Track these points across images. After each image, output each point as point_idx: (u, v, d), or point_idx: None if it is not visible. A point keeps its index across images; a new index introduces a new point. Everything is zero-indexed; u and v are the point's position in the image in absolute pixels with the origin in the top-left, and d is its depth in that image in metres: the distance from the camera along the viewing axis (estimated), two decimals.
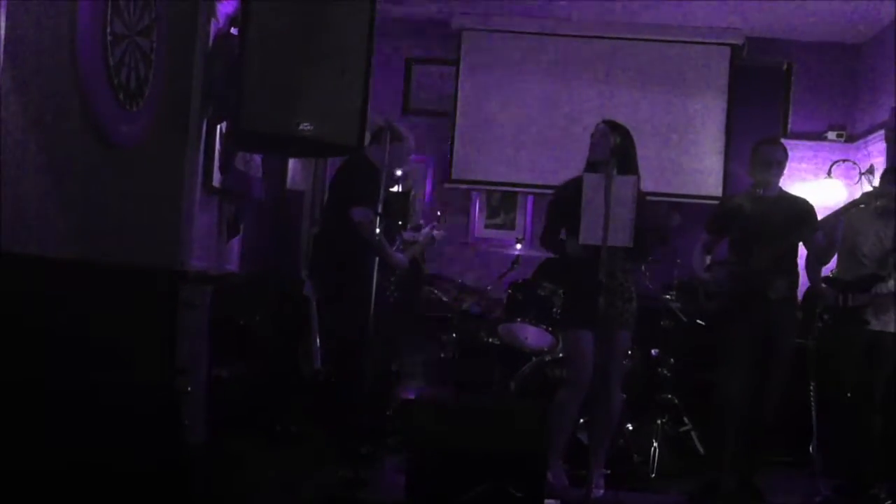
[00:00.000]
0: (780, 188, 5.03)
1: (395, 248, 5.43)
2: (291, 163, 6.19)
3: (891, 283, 4.97)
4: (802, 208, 5.00)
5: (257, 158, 5.32)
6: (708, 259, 5.23)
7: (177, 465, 3.80)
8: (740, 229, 4.96)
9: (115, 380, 3.47)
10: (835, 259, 5.32)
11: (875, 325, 4.99)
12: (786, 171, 5.04)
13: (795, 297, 5.04)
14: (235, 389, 4.63)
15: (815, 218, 4.97)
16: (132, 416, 3.62)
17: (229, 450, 4.25)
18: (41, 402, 2.98)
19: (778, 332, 4.85)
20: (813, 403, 5.17)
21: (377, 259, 5.07)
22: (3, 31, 2.78)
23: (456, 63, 7.49)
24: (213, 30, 4.64)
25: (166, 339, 4.05)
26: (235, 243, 5.29)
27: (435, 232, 5.97)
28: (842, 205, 5.42)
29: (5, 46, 2.79)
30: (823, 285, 5.18)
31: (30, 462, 2.91)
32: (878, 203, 5.12)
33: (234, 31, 4.64)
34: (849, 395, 5.04)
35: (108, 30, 3.41)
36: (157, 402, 3.90)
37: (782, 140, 5.56)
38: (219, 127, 4.75)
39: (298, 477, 4.32)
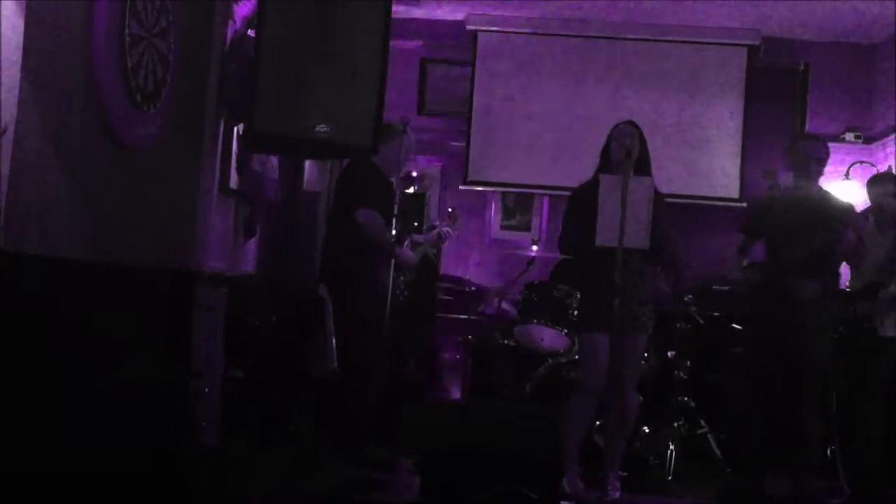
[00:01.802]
0: (820, 187, 4.96)
1: (404, 248, 5.43)
2: (307, 164, 6.20)
3: (892, 287, 4.93)
4: (837, 207, 4.88)
5: (273, 160, 5.34)
6: (745, 262, 5.15)
7: (190, 466, 3.80)
8: (773, 228, 4.89)
9: (129, 380, 3.48)
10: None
11: (882, 331, 4.96)
12: None
13: (828, 302, 4.84)
14: (249, 390, 4.64)
15: (850, 217, 4.85)
16: (146, 417, 3.63)
17: (241, 450, 4.25)
18: (55, 402, 2.98)
19: (804, 337, 4.73)
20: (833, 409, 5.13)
21: (392, 261, 5.08)
22: (20, 33, 2.80)
23: (471, 64, 7.49)
24: (229, 31, 4.65)
25: (181, 339, 4.06)
26: (251, 244, 5.30)
27: (444, 230, 5.97)
28: (861, 206, 5.39)
29: (23, 48, 2.80)
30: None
31: (42, 461, 2.92)
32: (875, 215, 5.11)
33: (250, 32, 4.65)
34: (859, 399, 5.00)
35: (126, 31, 3.42)
36: (171, 402, 3.90)
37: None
38: (235, 128, 4.76)
39: (309, 478, 4.32)
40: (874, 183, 5.26)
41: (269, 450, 4.24)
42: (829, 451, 5.38)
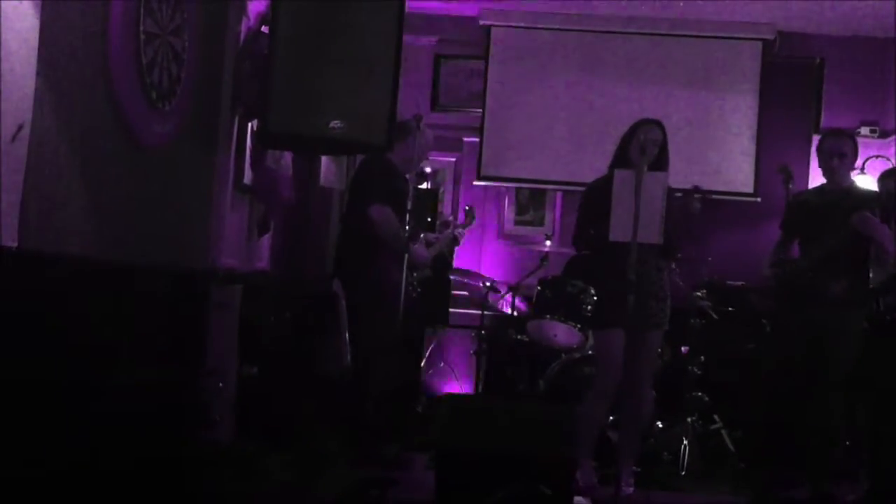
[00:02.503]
0: (852, 182, 4.92)
1: (418, 245, 5.43)
2: (324, 161, 6.21)
3: None
4: (862, 199, 4.80)
5: (287, 156, 5.34)
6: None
7: (203, 464, 3.82)
8: (805, 225, 4.86)
9: (144, 378, 3.49)
10: None
11: None
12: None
13: (858, 301, 4.76)
14: (264, 388, 4.65)
15: (875, 204, 4.75)
16: (161, 415, 3.65)
17: (255, 448, 4.26)
18: (70, 399, 3.00)
19: (829, 338, 4.68)
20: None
21: (405, 257, 5.08)
22: (36, 31, 2.81)
23: (485, 59, 7.48)
24: (243, 28, 4.66)
25: (196, 337, 4.07)
26: (265, 241, 5.31)
27: (457, 231, 5.96)
28: None
29: (38, 47, 2.82)
30: None
31: (56, 458, 2.94)
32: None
33: (264, 29, 4.66)
34: (881, 395, 4.98)
35: (141, 29, 3.43)
36: (185, 401, 3.92)
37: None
38: (249, 125, 4.77)
39: (324, 476, 4.33)
40: (886, 177, 5.23)
41: (282, 448, 4.25)
42: (847, 448, 5.36)
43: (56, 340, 2.90)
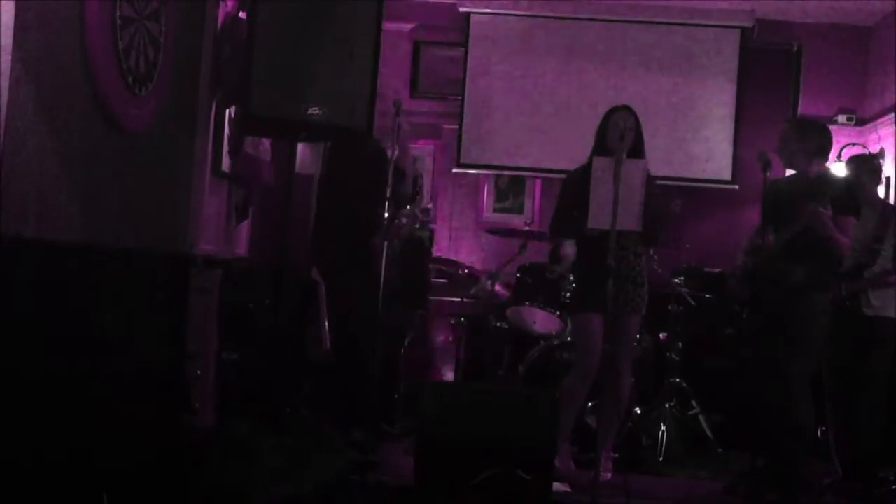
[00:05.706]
0: (818, 170, 4.94)
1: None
2: (300, 146, 6.18)
3: (875, 267, 4.97)
4: (820, 190, 4.75)
5: (266, 142, 5.33)
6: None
7: (185, 450, 3.81)
8: (775, 212, 4.88)
9: (124, 364, 3.48)
10: None
11: (868, 311, 4.99)
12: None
13: (816, 286, 4.78)
14: (244, 374, 4.64)
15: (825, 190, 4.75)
16: (141, 401, 3.63)
17: (237, 434, 4.25)
18: (49, 386, 2.98)
19: (790, 320, 4.71)
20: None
21: (385, 242, 5.06)
22: (12, 16, 2.78)
23: (464, 46, 7.47)
24: (221, 13, 4.63)
25: (176, 322, 4.06)
26: (244, 228, 5.29)
27: (404, 220, 5.82)
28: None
29: (14, 31, 2.79)
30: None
31: (37, 446, 2.93)
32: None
33: (242, 14, 4.63)
34: (849, 380, 5.04)
35: (118, 13, 3.40)
36: (166, 386, 3.91)
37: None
38: (227, 111, 4.74)
39: (306, 461, 4.33)
40: (852, 163, 5.28)
41: (265, 432, 4.25)
42: (819, 432, 5.41)
43: (33, 325, 2.88)
